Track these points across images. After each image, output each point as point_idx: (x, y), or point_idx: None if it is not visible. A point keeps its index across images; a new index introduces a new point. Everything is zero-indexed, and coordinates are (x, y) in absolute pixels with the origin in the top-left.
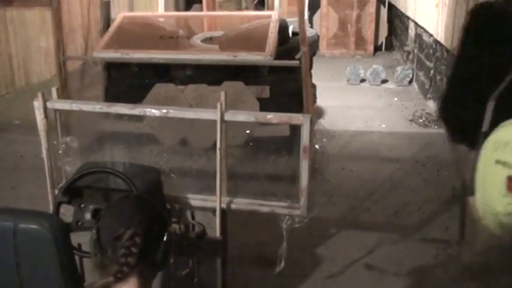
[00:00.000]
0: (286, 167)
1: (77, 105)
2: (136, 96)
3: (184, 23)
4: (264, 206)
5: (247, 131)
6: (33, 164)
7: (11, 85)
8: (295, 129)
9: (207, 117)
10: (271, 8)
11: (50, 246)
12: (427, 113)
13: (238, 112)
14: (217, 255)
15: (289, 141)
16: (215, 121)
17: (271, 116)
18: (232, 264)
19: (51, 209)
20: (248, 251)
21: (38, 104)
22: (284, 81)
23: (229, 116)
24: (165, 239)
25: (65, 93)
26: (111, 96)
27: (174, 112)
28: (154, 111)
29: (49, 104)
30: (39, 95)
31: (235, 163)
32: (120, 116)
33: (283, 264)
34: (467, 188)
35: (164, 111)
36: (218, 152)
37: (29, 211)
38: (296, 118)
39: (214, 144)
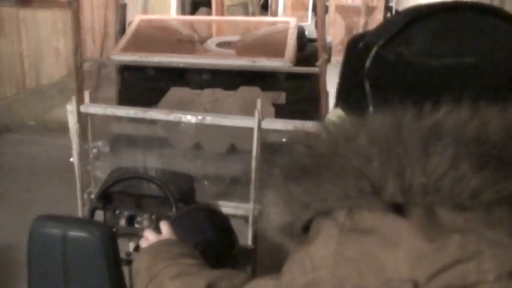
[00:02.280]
0: None
1: (111, 110)
2: (150, 99)
3: (194, 27)
4: None
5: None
6: (47, 166)
7: (22, 85)
8: None
9: (244, 124)
10: (275, 13)
11: (99, 255)
12: None
13: (276, 120)
14: (248, 264)
15: None
16: (231, 126)
17: (309, 125)
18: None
19: (79, 213)
20: (267, 256)
21: (71, 108)
22: (300, 87)
23: (267, 124)
24: (234, 250)
25: (80, 95)
26: (125, 99)
27: (210, 119)
28: (190, 118)
29: (82, 108)
30: (73, 99)
31: (247, 168)
32: (131, 119)
33: None
34: None
35: (200, 117)
36: (253, 161)
37: (78, 219)
38: None
39: (229, 149)
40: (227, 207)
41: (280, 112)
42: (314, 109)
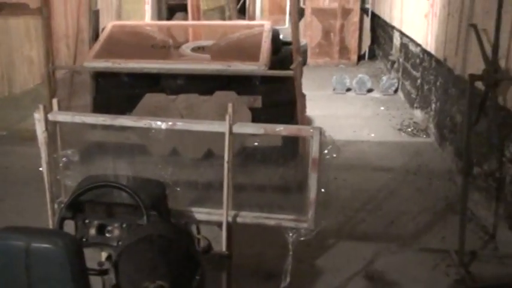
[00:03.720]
0: (278, 177)
1: (80, 118)
2: (125, 106)
3: (169, 32)
4: (271, 219)
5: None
6: (20, 176)
7: None
8: (287, 139)
9: (215, 129)
10: (252, 17)
11: (63, 266)
12: (414, 122)
13: (247, 124)
14: (223, 270)
15: (281, 151)
16: (207, 132)
17: (280, 128)
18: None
19: (50, 223)
20: (246, 263)
21: (38, 116)
22: (276, 91)
23: (238, 129)
24: (196, 279)
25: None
26: (99, 105)
27: (181, 125)
28: (160, 124)
29: (50, 116)
30: (41, 107)
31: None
32: (108, 126)
33: (288, 279)
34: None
35: (170, 123)
36: (225, 165)
37: (42, 229)
38: (306, 130)
39: (205, 155)
40: (200, 214)
41: (257, 116)
42: (291, 112)
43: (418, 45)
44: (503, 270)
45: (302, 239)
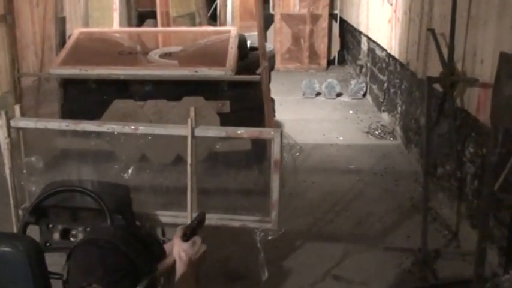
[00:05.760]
0: (247, 181)
1: (42, 123)
2: (94, 112)
3: (138, 39)
4: (235, 221)
5: (212, 146)
6: None
7: None
8: (256, 143)
9: (178, 133)
10: (224, 23)
11: (24, 270)
12: (382, 125)
13: (209, 128)
14: None
15: (250, 155)
16: (176, 137)
17: (242, 131)
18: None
19: (14, 229)
20: (213, 266)
21: (1, 122)
22: (244, 95)
23: (200, 132)
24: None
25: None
26: (67, 113)
27: (143, 129)
28: (123, 128)
29: (13, 122)
30: (2, 113)
31: (197, 178)
32: (76, 133)
33: (267, 273)
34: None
35: (133, 127)
36: (189, 168)
37: (2, 233)
38: (267, 133)
39: (175, 160)
40: (165, 216)
41: (226, 120)
42: (259, 116)
43: (383, 49)
44: (465, 267)
45: (269, 238)
